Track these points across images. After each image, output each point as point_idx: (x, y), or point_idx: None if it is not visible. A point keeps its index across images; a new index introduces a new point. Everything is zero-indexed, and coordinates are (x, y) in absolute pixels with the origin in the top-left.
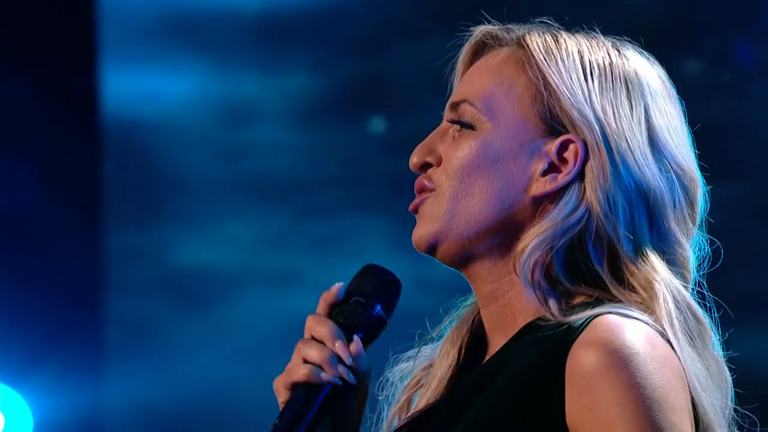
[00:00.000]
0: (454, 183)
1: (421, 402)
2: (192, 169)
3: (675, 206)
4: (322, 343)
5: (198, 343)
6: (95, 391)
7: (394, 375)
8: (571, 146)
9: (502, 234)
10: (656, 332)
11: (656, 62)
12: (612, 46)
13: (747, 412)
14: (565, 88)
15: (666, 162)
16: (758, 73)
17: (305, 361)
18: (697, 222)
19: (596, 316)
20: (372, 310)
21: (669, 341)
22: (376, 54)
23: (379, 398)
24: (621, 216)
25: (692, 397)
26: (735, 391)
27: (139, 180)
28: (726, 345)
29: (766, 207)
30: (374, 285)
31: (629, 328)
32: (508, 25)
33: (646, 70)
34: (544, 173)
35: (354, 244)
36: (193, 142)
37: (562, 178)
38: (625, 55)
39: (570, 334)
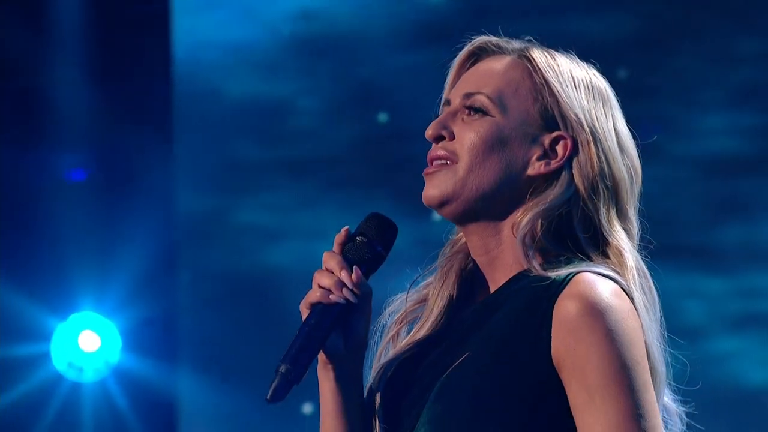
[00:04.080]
0: (470, 156)
1: (419, 332)
2: (245, 151)
3: (630, 194)
4: (332, 272)
5: (251, 282)
6: (169, 328)
7: (385, 314)
8: (562, 141)
9: (500, 201)
10: (620, 287)
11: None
12: (587, 67)
13: None
14: (564, 95)
15: (627, 161)
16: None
17: (319, 286)
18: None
19: (577, 273)
20: (374, 248)
21: (629, 295)
22: (383, 64)
23: (375, 328)
24: (601, 198)
25: (644, 340)
26: None
27: (205, 159)
28: None
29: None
30: (376, 228)
31: (603, 285)
32: (506, 38)
33: (608, 88)
34: (539, 159)
35: (366, 207)
36: (246, 131)
37: (554, 164)
38: (595, 75)
39: (555, 286)
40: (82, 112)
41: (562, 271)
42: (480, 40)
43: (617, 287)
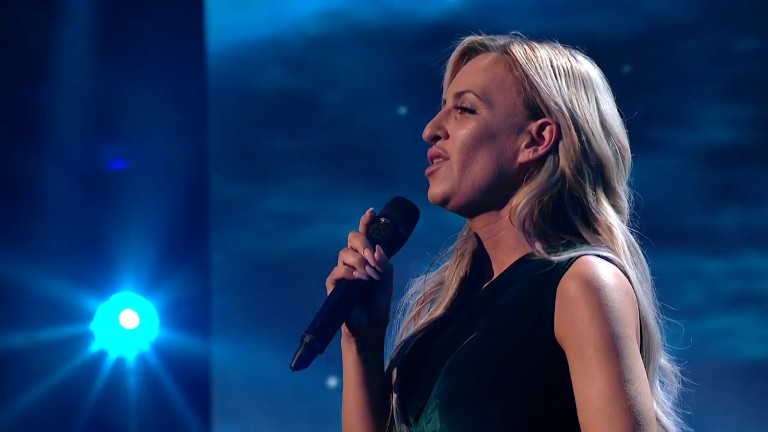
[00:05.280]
0: (462, 153)
1: (436, 312)
2: (274, 141)
3: (618, 171)
4: (356, 251)
5: (279, 263)
6: (203, 306)
7: (407, 294)
8: (548, 127)
9: (497, 190)
10: (619, 269)
11: (596, 64)
12: (569, 53)
13: None
14: (543, 85)
15: (612, 140)
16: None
17: (344, 264)
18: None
19: (579, 256)
20: (396, 229)
21: (627, 275)
22: (402, 60)
23: (398, 307)
24: (586, 179)
25: (640, 312)
26: None
27: (237, 149)
28: None
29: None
30: (399, 211)
31: (602, 266)
32: (491, 36)
33: (593, 71)
34: (527, 146)
35: (386, 194)
36: (274, 123)
37: (541, 150)
38: (578, 59)
39: (558, 269)
40: (123, 106)
41: (564, 255)
42: (468, 40)
43: (615, 268)
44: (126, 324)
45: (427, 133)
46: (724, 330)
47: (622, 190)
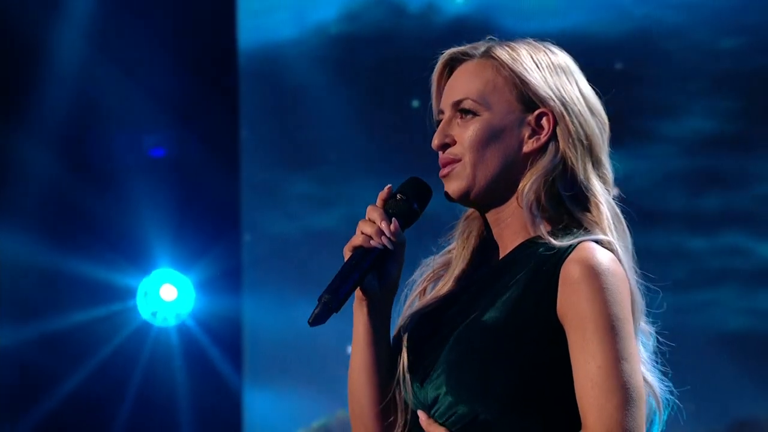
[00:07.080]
0: (473, 153)
1: (443, 288)
2: (298, 131)
3: (602, 143)
4: (373, 222)
5: (303, 242)
6: (234, 281)
7: (416, 273)
8: (545, 117)
9: (507, 181)
10: (614, 254)
11: (565, 51)
12: (544, 46)
13: None
14: (532, 79)
15: (595, 116)
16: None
17: (362, 233)
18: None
19: (580, 242)
20: (411, 205)
21: (619, 258)
22: (415, 57)
23: (406, 284)
24: (579, 157)
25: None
26: None
27: (265, 138)
28: None
29: None
30: (414, 189)
31: (600, 252)
32: (472, 44)
33: (567, 58)
34: (530, 137)
35: (400, 180)
36: (299, 114)
37: (543, 138)
38: (553, 51)
39: (560, 253)
40: (164, 99)
41: (566, 242)
42: (448, 52)
43: (612, 254)
44: (165, 297)
45: (435, 143)
46: (707, 303)
47: (607, 160)
